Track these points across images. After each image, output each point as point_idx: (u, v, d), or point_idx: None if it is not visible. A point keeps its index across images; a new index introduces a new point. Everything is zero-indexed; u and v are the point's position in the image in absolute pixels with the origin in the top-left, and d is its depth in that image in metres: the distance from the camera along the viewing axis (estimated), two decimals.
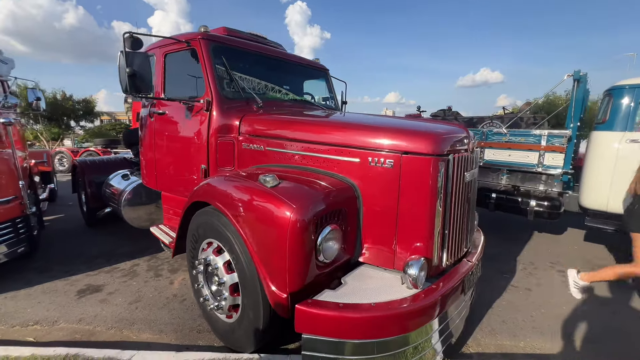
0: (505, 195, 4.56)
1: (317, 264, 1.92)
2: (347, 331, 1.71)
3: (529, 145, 4.08)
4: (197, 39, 2.87)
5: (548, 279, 3.67)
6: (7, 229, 3.47)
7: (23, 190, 3.62)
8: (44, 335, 2.62)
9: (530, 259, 4.25)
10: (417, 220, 2.01)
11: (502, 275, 3.77)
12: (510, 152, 4.23)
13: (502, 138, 4.28)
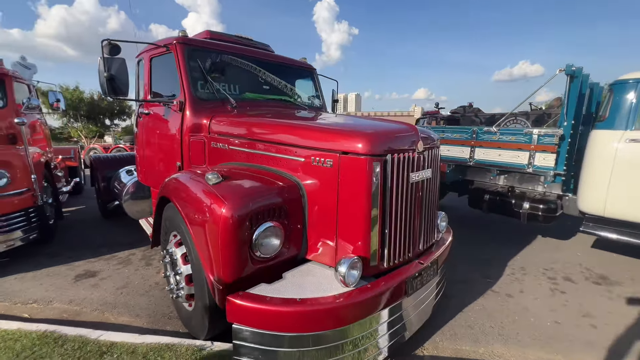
0: (498, 197, 4.35)
1: (255, 259, 2.00)
2: (271, 323, 1.79)
3: (518, 145, 3.86)
4: (173, 44, 3.05)
5: (534, 287, 3.49)
6: (21, 217, 3.90)
7: (35, 183, 4.03)
8: (38, 312, 2.94)
9: (522, 264, 4.05)
10: (354, 219, 2.03)
11: (485, 279, 3.64)
12: (500, 152, 4.03)
13: (492, 137, 4.09)
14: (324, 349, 1.87)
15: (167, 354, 2.23)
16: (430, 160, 2.36)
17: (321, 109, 4.21)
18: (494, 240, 4.81)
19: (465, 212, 5.77)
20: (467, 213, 5.84)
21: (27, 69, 5.21)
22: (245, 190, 2.05)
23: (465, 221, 5.70)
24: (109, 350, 2.26)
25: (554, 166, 3.59)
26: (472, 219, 5.79)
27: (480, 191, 4.52)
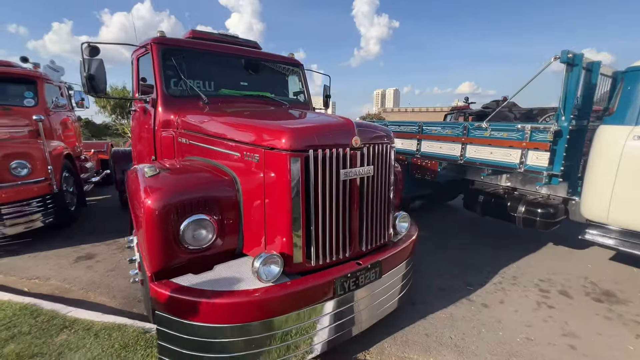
0: (493, 199, 3.98)
1: (185, 250, 2.07)
2: (183, 312, 1.85)
3: (509, 142, 3.48)
4: (149, 44, 3.23)
5: (518, 298, 3.17)
6: (39, 203, 4.42)
7: (51, 173, 4.53)
8: (36, 287, 3.33)
9: (517, 272, 3.69)
10: (278, 215, 2.02)
11: (466, 286, 3.38)
12: (492, 150, 3.67)
13: (483, 133, 3.73)
14: (241, 341, 1.89)
15: (115, 333, 2.41)
16: (374, 156, 2.25)
17: (305, 104, 4.19)
18: (495, 245, 4.44)
19: (474, 214, 5.41)
20: (475, 216, 5.47)
21: (55, 71, 5.85)
22: (174, 183, 2.13)
23: (469, 224, 5.33)
24: (70, 326, 2.50)
25: (547, 166, 3.19)
26: (477, 222, 5.39)
27: (474, 192, 4.18)
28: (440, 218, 5.67)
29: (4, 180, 4.19)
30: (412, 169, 4.62)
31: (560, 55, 3.00)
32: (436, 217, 5.73)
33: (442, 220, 5.59)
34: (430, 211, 5.90)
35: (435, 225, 5.32)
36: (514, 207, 3.73)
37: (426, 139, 4.35)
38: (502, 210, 3.86)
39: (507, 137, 3.43)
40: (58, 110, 5.97)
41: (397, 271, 2.62)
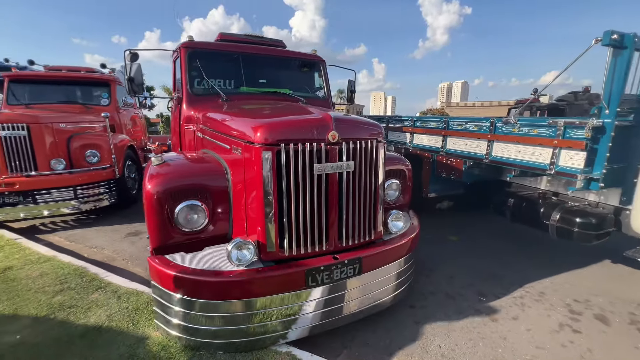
0: (524, 203, 3.51)
1: (179, 231, 2.34)
2: (166, 283, 2.11)
3: (539, 140, 3.00)
4: (179, 48, 3.62)
5: (538, 317, 2.80)
6: (105, 186, 5.31)
7: (115, 161, 5.38)
8: (92, 254, 4.04)
9: (546, 288, 3.25)
10: (254, 205, 2.15)
11: (477, 295, 3.11)
12: (520, 148, 3.21)
13: (511, 129, 3.28)
14: (217, 316, 2.09)
15: (132, 298, 2.83)
16: (355, 152, 2.23)
17: (323, 100, 4.24)
18: (531, 257, 3.93)
19: None
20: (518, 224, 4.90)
21: (124, 74, 6.85)
22: (172, 172, 2.40)
23: (505, 231, 4.77)
24: (103, 287, 3.02)
25: (583, 168, 2.70)
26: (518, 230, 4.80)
27: (503, 194, 3.74)
28: (472, 221, 5.20)
29: (80, 166, 5.14)
30: (437, 167, 4.34)
31: (601, 38, 2.51)
32: (469, 220, 5.27)
33: (474, 223, 5.12)
34: (464, 213, 5.45)
35: (466, 228, 4.91)
36: (547, 213, 3.25)
37: (452, 135, 4.03)
38: (534, 216, 3.40)
39: (537, 133, 3.00)
40: (127, 109, 7.02)
41: (388, 269, 2.56)
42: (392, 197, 3.11)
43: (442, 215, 5.30)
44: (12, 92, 5.91)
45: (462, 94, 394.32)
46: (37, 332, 2.36)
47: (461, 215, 5.38)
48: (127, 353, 2.14)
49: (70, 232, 4.76)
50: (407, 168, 3.21)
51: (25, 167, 4.63)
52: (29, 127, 4.59)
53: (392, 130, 5.29)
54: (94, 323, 2.47)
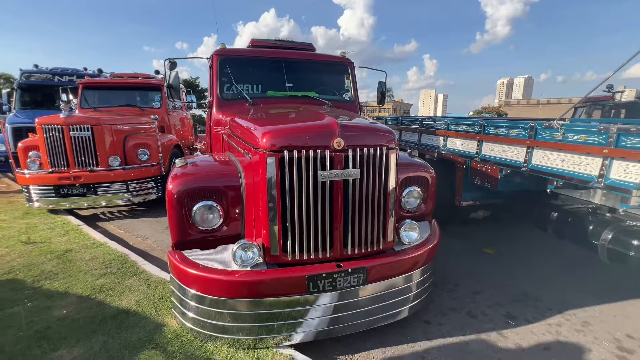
0: (570, 218, 3.07)
1: (196, 229, 2.51)
2: (181, 277, 2.28)
3: (586, 148, 2.57)
4: (212, 56, 3.86)
5: (575, 352, 2.45)
6: (152, 181, 5.87)
7: (161, 159, 5.93)
8: (136, 243, 4.51)
9: (592, 318, 2.83)
10: (260, 209, 2.22)
11: (505, 318, 2.83)
12: (564, 156, 2.79)
13: (554, 135, 2.86)
14: (225, 313, 2.21)
15: (160, 287, 3.10)
16: (363, 160, 2.18)
17: (350, 102, 4.19)
18: (581, 280, 3.45)
19: None
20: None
21: None
22: (192, 173, 2.56)
23: (554, 248, 4.23)
24: (138, 274, 3.35)
25: (639, 182, 2.27)
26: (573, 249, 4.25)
27: (547, 206, 3.32)
28: (511, 234, 4.72)
29: (133, 163, 5.75)
30: (471, 174, 4.02)
31: None
32: (507, 232, 4.80)
33: (513, 237, 4.65)
34: (502, 225, 4.98)
35: (503, 241, 4.48)
36: (597, 232, 2.83)
37: (488, 140, 3.69)
38: (581, 234, 2.97)
39: (585, 140, 2.61)
40: (176, 111, 7.67)
41: (400, 280, 2.47)
42: (413, 205, 2.97)
43: (476, 226, 4.91)
44: (84, 97, 6.83)
45: (525, 90, 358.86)
46: (79, 309, 2.72)
47: (499, 227, 4.92)
48: (145, 337, 2.36)
49: (122, 222, 5.36)
50: (431, 175, 3.04)
51: (89, 163, 5.32)
52: (92, 128, 5.26)
53: (425, 133, 5.03)
54: (124, 306, 2.76)
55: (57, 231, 4.60)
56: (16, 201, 6.19)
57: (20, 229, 4.69)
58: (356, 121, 2.60)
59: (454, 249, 4.31)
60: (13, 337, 2.37)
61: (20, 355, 2.19)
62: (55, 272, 3.37)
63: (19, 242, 4.15)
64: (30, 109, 8.56)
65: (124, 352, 2.22)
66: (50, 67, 9.23)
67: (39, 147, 5.25)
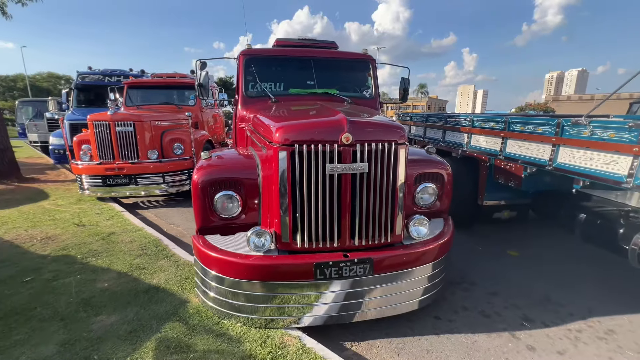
0: (599, 220, 2.87)
1: (217, 216, 2.73)
2: (203, 259, 2.51)
3: (615, 145, 2.38)
4: (239, 56, 4.10)
5: (592, 356, 2.34)
6: (185, 174, 6.32)
7: (194, 153, 6.35)
8: (169, 229, 4.92)
9: (618, 327, 2.66)
10: (272, 198, 2.38)
11: (520, 320, 2.75)
12: (592, 154, 2.60)
13: (582, 132, 2.68)
14: (240, 293, 2.41)
15: (187, 268, 3.40)
16: (370, 154, 2.25)
17: (371, 99, 4.23)
18: (607, 284, 3.23)
19: None
20: None
21: None
22: (214, 165, 2.78)
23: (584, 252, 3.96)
24: (168, 257, 3.69)
25: None
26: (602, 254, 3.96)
27: (574, 208, 3.12)
28: (538, 236, 4.48)
29: (169, 157, 6.23)
30: (495, 172, 3.89)
31: None
32: (534, 234, 4.56)
33: (540, 239, 4.40)
34: (528, 226, 4.74)
35: (529, 243, 4.28)
36: (628, 236, 2.64)
37: (512, 137, 3.54)
38: (610, 238, 2.79)
39: (614, 138, 2.45)
40: (209, 108, 8.14)
41: (409, 273, 2.52)
42: (427, 201, 2.98)
43: (501, 227, 4.72)
44: (129, 96, 7.48)
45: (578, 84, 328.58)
46: (118, 283, 3.08)
47: (524, 228, 4.70)
48: (171, 311, 2.64)
49: (158, 210, 5.85)
50: (447, 172, 3.02)
51: (131, 155, 5.86)
52: (134, 124, 5.78)
53: (449, 130, 4.91)
54: (155, 283, 3.08)
55: (103, 216, 5.15)
56: (71, 189, 6.98)
57: (74, 213, 5.31)
58: (367, 117, 2.67)
59: (475, 249, 4.21)
60: (65, 302, 2.76)
61: (70, 317, 2.55)
62: (100, 251, 3.81)
63: (72, 224, 4.72)
64: (84, 107, 9.53)
65: (152, 321, 2.50)
66: (102, 69, 10.19)
67: (90, 141, 5.88)
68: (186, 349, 2.21)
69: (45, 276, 3.21)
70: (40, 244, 4.03)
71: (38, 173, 9.01)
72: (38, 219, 4.98)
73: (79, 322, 2.50)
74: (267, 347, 2.25)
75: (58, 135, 9.33)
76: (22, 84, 45.67)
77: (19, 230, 4.47)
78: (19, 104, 17.40)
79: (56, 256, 3.67)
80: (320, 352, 2.21)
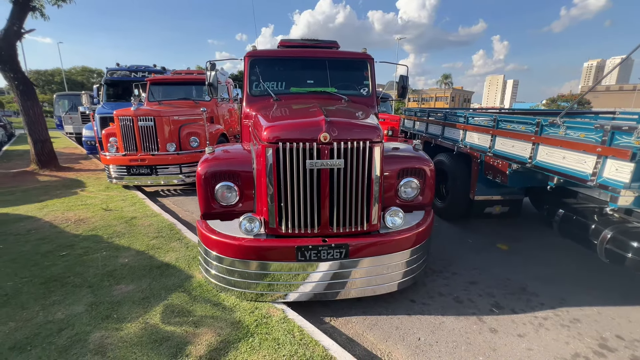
0: (575, 216, 2.97)
1: (217, 204, 3.12)
2: (204, 240, 2.92)
3: (583, 145, 2.47)
4: (244, 57, 4.43)
5: (551, 341, 2.53)
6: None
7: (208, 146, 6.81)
8: (184, 215, 5.42)
9: (583, 317, 2.82)
10: (261, 189, 2.73)
11: (490, 306, 2.97)
12: (565, 153, 2.71)
13: (557, 131, 2.77)
14: (234, 270, 2.80)
15: (195, 249, 3.85)
16: (346, 152, 2.53)
17: (367, 97, 4.45)
18: (588, 278, 3.34)
19: None
20: None
21: (223, 75, 8.36)
22: (215, 159, 3.16)
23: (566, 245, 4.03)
24: (180, 239, 4.16)
25: (626, 182, 2.19)
26: None
27: (556, 204, 3.23)
28: (529, 231, 4.58)
29: (186, 149, 6.75)
30: (485, 168, 4.03)
31: None
32: (525, 229, 4.67)
33: (531, 234, 4.50)
34: (520, 221, 4.83)
35: (518, 238, 4.40)
36: (597, 232, 2.76)
37: (500, 134, 3.66)
38: (583, 233, 2.92)
39: (584, 138, 2.56)
40: (224, 103, 8.59)
41: (385, 259, 2.79)
42: (410, 195, 3.22)
43: (493, 221, 4.84)
44: (151, 92, 8.05)
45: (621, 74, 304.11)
46: (136, 259, 3.57)
47: (516, 223, 4.79)
48: (178, 283, 3.08)
49: (175, 198, 6.40)
50: (429, 168, 3.23)
51: (152, 148, 6.41)
52: (154, 119, 6.31)
53: (447, 126, 5.04)
54: (167, 261, 3.54)
55: (128, 202, 5.74)
56: (101, 177, 7.71)
57: (102, 199, 5.95)
58: (347, 118, 2.93)
59: (465, 242, 4.39)
60: (92, 273, 3.28)
61: (96, 285, 3.06)
62: (123, 233, 4.35)
63: (100, 209, 5.33)
64: (113, 101, 10.31)
65: (161, 291, 2.95)
66: (129, 65, 10.91)
67: (116, 134, 6.49)
68: (187, 314, 2.64)
69: (77, 252, 3.77)
70: (74, 225, 4.64)
71: (73, 162, 9.92)
72: (72, 203, 5.65)
73: (103, 289, 2.99)
74: (254, 316, 2.62)
75: (90, 128, 10.19)
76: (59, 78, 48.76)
77: (56, 213, 5.13)
78: (57, 98, 18.81)
79: (87, 235, 4.25)
80: (299, 323, 2.56)
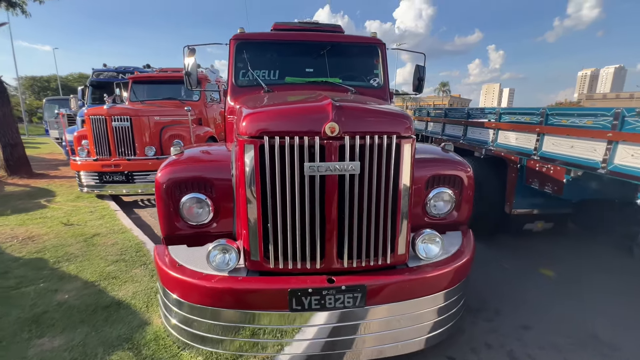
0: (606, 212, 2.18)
1: (185, 223, 2.30)
2: (161, 276, 2.08)
3: (592, 132, 1.77)
4: (230, 40, 3.66)
5: None
6: None
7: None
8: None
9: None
10: (240, 204, 1.91)
11: None
12: (573, 142, 1.99)
13: (561, 120, 2.05)
14: (202, 322, 1.95)
15: None
16: (363, 150, 1.72)
17: (379, 89, 3.68)
18: None
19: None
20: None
21: (213, 73, 7.62)
22: (181, 163, 2.35)
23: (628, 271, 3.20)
24: (146, 264, 3.32)
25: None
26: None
27: (636, 224, 2.43)
28: (580, 253, 3.69)
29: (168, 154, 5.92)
30: (527, 175, 3.22)
31: None
32: (574, 250, 3.80)
33: (582, 257, 3.61)
34: (567, 240, 3.99)
35: (568, 262, 3.54)
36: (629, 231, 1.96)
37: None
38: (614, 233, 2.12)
39: (593, 124, 1.79)
40: (214, 103, 7.82)
41: (414, 304, 1.97)
42: (442, 210, 2.41)
43: (533, 240, 4.00)
44: (133, 91, 7.28)
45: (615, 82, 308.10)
46: (79, 295, 2.72)
47: (563, 243, 3.94)
48: (125, 335, 2.23)
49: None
50: (467, 174, 2.43)
51: (128, 152, 5.60)
52: (131, 119, 5.51)
53: (472, 125, 4.26)
54: (120, 297, 2.69)
55: (95, 215, 4.89)
56: (75, 185, 6.85)
57: (67, 210, 5.10)
58: (362, 104, 2.13)
59: (501, 266, 3.55)
60: (14, 317, 2.42)
61: (10, 338, 2.20)
62: (76, 255, 3.49)
63: (60, 223, 4.48)
64: (98, 103, 9.52)
65: (99, 348, 2.10)
66: (117, 66, 10.18)
67: (88, 136, 5.67)
68: None
69: (8, 283, 2.92)
70: (20, 244, 3.78)
71: (51, 169, 9.09)
72: (29, 216, 4.80)
73: (17, 344, 2.14)
74: None
75: (71, 131, 9.38)
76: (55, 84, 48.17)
77: (4, 229, 4.27)
78: (46, 103, 18.07)
79: (29, 259, 3.39)
80: None
